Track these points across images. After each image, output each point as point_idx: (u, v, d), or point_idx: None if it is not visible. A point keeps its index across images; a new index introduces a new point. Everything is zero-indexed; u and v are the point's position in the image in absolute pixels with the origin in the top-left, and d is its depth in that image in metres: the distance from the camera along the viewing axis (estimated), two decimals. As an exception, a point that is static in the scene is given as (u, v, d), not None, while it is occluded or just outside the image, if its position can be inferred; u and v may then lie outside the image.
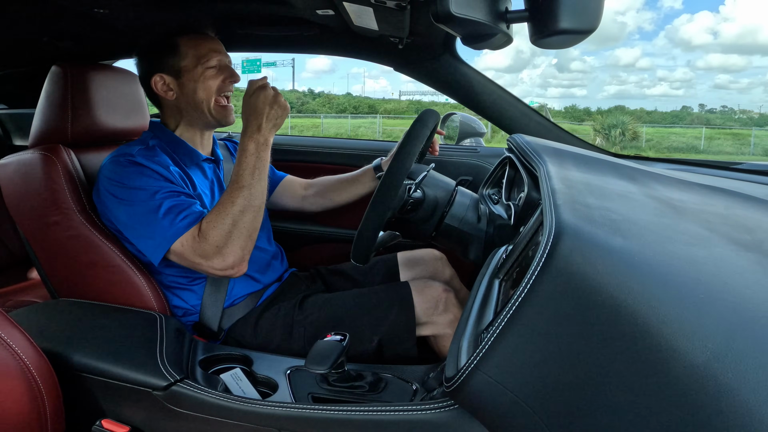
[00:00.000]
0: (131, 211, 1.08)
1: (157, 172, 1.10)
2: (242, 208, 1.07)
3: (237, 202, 1.07)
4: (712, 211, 0.80)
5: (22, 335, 0.84)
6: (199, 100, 1.20)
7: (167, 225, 1.05)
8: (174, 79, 1.21)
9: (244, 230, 1.07)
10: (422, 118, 1.09)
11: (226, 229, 1.05)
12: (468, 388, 0.62)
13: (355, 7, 1.07)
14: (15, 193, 1.18)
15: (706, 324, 0.46)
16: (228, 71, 1.23)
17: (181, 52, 1.20)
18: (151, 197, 1.07)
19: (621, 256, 0.55)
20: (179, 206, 1.07)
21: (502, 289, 0.81)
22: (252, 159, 1.09)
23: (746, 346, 0.43)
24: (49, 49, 1.55)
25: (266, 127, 1.11)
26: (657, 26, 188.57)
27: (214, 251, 1.05)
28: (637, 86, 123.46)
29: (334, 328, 1.13)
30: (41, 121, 1.22)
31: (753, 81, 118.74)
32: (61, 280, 1.21)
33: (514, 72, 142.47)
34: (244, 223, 1.07)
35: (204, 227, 1.05)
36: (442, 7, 0.65)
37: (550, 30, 0.66)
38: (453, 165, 1.66)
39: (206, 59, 1.20)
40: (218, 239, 1.05)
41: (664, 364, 0.45)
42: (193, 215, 1.07)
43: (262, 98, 1.10)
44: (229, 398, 0.87)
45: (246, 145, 1.10)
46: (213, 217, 1.06)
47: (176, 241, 1.05)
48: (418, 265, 1.42)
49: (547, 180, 0.81)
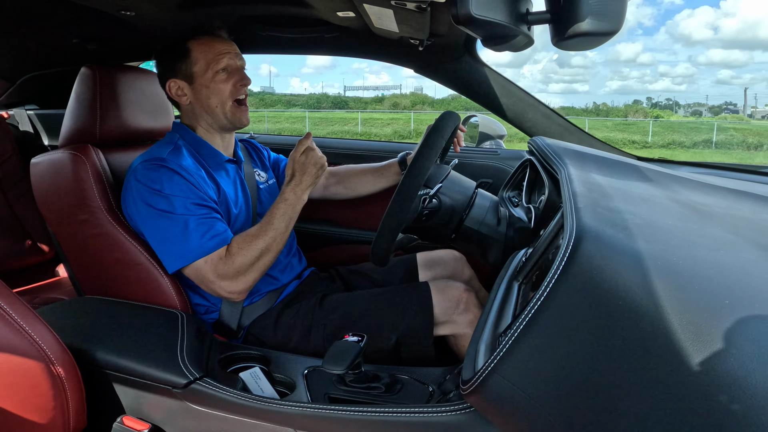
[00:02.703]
0: (158, 220, 1.10)
1: (186, 179, 1.12)
2: (269, 245, 1.14)
3: (266, 239, 1.14)
4: (739, 215, 0.78)
5: (48, 331, 0.86)
6: (213, 105, 1.22)
7: (194, 241, 1.09)
8: (187, 84, 1.22)
9: (263, 266, 1.14)
10: (440, 123, 1.09)
11: (252, 258, 1.11)
12: (484, 391, 0.62)
13: (375, 9, 1.07)
14: (45, 191, 1.21)
15: (731, 330, 0.45)
16: (238, 74, 1.23)
17: (193, 57, 1.21)
18: (180, 208, 1.10)
19: (643, 261, 0.54)
20: (207, 224, 1.11)
21: (521, 292, 0.80)
22: (288, 208, 1.18)
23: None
24: (78, 51, 1.60)
25: (306, 182, 1.20)
26: (657, 22, 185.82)
27: (233, 275, 1.10)
28: (639, 81, 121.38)
29: (352, 326, 1.14)
30: (71, 122, 1.25)
31: (755, 77, 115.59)
32: (88, 277, 1.24)
33: (516, 67, 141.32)
34: (266, 259, 1.14)
35: (233, 250, 1.11)
36: (462, 9, 0.64)
37: (572, 32, 0.66)
38: (473, 167, 1.65)
39: (215, 63, 1.20)
40: (242, 265, 1.10)
41: (686, 370, 0.44)
42: (221, 236, 1.12)
43: (311, 159, 1.20)
44: (246, 397, 0.88)
45: (286, 194, 1.19)
46: (243, 243, 1.12)
47: (201, 259, 1.09)
48: (437, 266, 1.41)
49: (568, 183, 0.80)
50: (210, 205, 1.14)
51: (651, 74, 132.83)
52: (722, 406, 0.41)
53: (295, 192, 1.19)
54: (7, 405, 0.82)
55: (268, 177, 1.42)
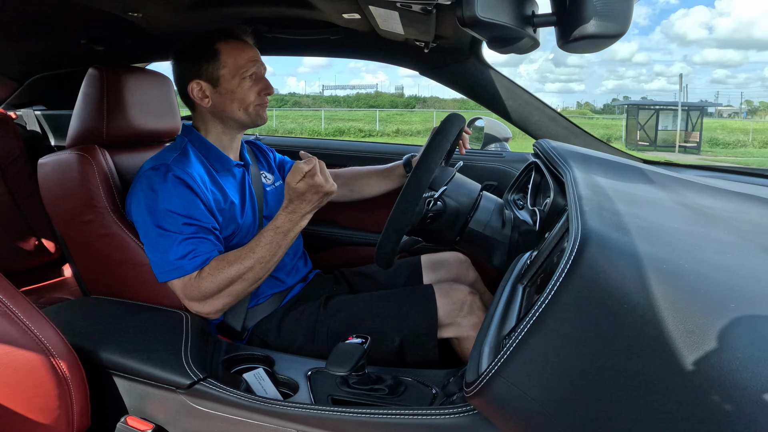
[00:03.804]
0: (150, 230, 1.11)
1: (190, 187, 1.12)
2: (244, 274, 1.10)
3: (241, 267, 1.09)
4: (745, 219, 0.77)
5: (54, 331, 0.86)
6: (234, 109, 1.21)
7: (173, 261, 1.09)
8: (211, 86, 1.20)
9: (234, 292, 1.11)
10: (445, 125, 1.09)
11: (219, 285, 1.09)
12: (488, 394, 0.62)
13: (381, 11, 1.07)
14: (52, 191, 1.22)
15: (736, 333, 0.44)
16: (263, 83, 1.23)
17: (221, 60, 1.19)
18: (171, 226, 1.10)
19: (648, 264, 0.54)
20: (193, 243, 1.10)
21: (526, 294, 0.80)
22: (279, 236, 1.11)
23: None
24: (85, 52, 1.61)
25: (305, 209, 1.10)
26: (652, 21, 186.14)
27: (199, 297, 1.10)
28: (635, 81, 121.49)
29: (357, 328, 1.14)
30: (78, 122, 1.26)
31: (750, 76, 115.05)
32: (93, 277, 1.25)
33: (512, 66, 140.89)
34: (239, 287, 1.10)
35: (203, 275, 1.09)
36: (468, 11, 0.64)
37: (578, 34, 0.65)
38: (478, 170, 1.65)
39: (245, 69, 1.20)
40: (207, 291, 1.09)
41: (691, 373, 0.44)
42: (200, 258, 1.10)
43: (309, 187, 1.07)
44: (249, 398, 0.88)
45: (278, 221, 1.11)
46: (215, 269, 1.09)
47: (176, 279, 1.10)
48: (442, 268, 1.41)
49: (573, 186, 0.80)
50: (202, 223, 1.12)
51: (647, 74, 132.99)
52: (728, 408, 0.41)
53: (290, 219, 1.11)
54: (12, 404, 0.82)
55: (275, 179, 1.42)
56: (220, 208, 1.18)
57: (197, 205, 1.12)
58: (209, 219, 1.14)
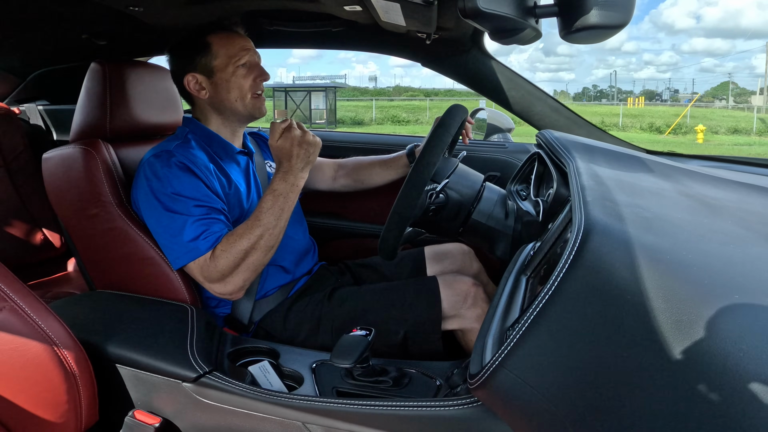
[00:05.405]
0: (161, 217, 1.11)
1: (194, 172, 1.13)
2: (256, 244, 1.09)
3: (251, 237, 1.09)
4: (749, 209, 0.77)
5: (60, 325, 0.87)
6: (232, 99, 1.22)
7: (187, 243, 1.09)
8: (206, 78, 1.22)
9: (251, 265, 1.10)
10: (448, 116, 1.08)
11: (235, 260, 1.09)
12: (492, 385, 0.62)
13: (382, 3, 1.07)
14: (56, 185, 1.23)
15: (740, 325, 0.44)
16: (258, 70, 1.24)
17: (213, 51, 1.21)
18: (181, 208, 1.10)
19: (652, 255, 0.54)
20: (205, 224, 1.10)
21: (529, 286, 0.80)
22: (279, 200, 1.12)
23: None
24: (88, 47, 1.60)
25: (297, 167, 1.13)
26: (641, 11, 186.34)
27: (218, 277, 1.09)
28: (625, 69, 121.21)
29: (361, 320, 1.15)
30: (81, 117, 1.26)
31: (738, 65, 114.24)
32: (99, 271, 1.25)
33: (501, 56, 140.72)
34: (254, 258, 1.10)
35: (217, 253, 1.09)
36: (469, 2, 0.64)
37: (580, 25, 0.65)
38: (481, 160, 1.65)
39: (237, 58, 1.21)
40: (225, 268, 1.09)
41: (694, 364, 0.44)
42: (213, 236, 1.10)
43: (290, 140, 1.12)
44: (255, 391, 0.89)
45: (275, 186, 1.13)
46: (227, 244, 1.09)
47: (192, 261, 1.10)
48: (445, 259, 1.41)
49: (576, 176, 0.80)
50: (211, 204, 1.13)
51: (636, 62, 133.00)
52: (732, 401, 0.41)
53: (285, 180, 1.13)
54: (20, 400, 0.83)
55: None
56: (225, 193, 1.19)
57: (203, 189, 1.13)
58: (217, 200, 1.15)
